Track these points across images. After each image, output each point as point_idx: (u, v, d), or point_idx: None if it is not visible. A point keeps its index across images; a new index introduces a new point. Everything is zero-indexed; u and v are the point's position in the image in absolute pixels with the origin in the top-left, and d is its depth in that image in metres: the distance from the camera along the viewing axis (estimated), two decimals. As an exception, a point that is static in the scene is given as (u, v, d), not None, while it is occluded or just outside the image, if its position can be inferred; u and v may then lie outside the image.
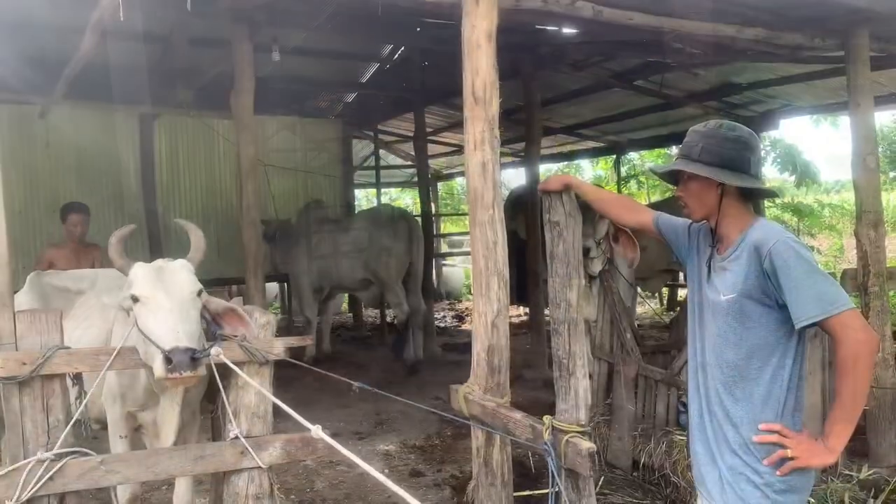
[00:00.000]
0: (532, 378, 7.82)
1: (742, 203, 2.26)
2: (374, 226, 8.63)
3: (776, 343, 2.16)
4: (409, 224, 8.80)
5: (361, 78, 10.74)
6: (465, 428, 5.51)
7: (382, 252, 8.49)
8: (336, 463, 5.38)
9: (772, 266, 2.09)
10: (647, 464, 4.71)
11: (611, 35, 5.85)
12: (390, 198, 21.44)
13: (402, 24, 6.99)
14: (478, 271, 3.28)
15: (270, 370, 3.07)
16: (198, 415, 3.51)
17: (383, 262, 8.49)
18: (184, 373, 2.56)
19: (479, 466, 3.20)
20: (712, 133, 2.25)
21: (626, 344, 5.09)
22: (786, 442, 2.12)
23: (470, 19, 3.31)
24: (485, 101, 3.27)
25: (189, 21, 7.05)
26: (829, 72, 7.20)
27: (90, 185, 9.37)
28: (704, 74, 8.47)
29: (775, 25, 4.98)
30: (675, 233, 2.50)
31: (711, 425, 2.29)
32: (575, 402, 2.73)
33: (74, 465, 2.71)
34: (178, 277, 2.84)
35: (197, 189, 10.26)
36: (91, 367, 2.81)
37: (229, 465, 2.97)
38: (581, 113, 10.97)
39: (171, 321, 2.68)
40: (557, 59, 7.81)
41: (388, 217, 8.87)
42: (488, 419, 3.05)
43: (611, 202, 2.79)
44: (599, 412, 5.18)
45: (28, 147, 8.92)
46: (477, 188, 3.26)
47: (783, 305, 2.10)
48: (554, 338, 2.82)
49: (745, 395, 2.20)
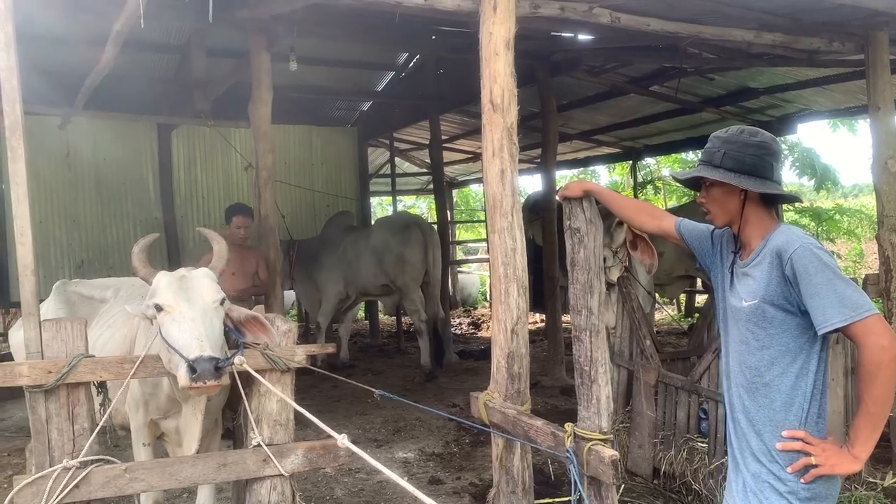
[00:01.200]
0: (549, 385, 7.80)
1: (764, 208, 2.25)
2: (391, 233, 8.68)
3: (798, 349, 2.15)
4: (422, 231, 8.83)
5: (377, 86, 10.80)
6: (483, 435, 5.52)
7: (398, 259, 8.53)
8: (356, 470, 5.38)
9: (793, 272, 2.07)
10: (667, 471, 4.68)
11: (627, 41, 5.85)
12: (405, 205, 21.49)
13: (417, 33, 7.02)
14: (497, 278, 3.29)
15: (292, 378, 3.09)
16: (220, 423, 3.53)
17: (399, 268, 8.54)
18: (208, 382, 2.58)
19: (500, 474, 3.20)
20: (734, 139, 2.23)
21: (646, 351, 5.07)
22: (810, 449, 2.10)
23: (487, 27, 3.32)
24: (503, 108, 3.27)
25: (207, 31, 7.13)
26: (847, 75, 7.15)
27: (109, 195, 9.49)
28: (720, 79, 8.44)
29: (793, 30, 4.96)
30: (699, 239, 2.49)
31: (735, 432, 2.28)
32: (597, 409, 2.73)
33: (99, 472, 2.73)
34: (201, 286, 2.85)
35: (214, 198, 10.33)
36: (115, 376, 2.84)
37: (251, 473, 2.98)
38: (597, 119, 10.96)
39: (195, 330, 2.70)
40: (573, 65, 7.81)
41: (402, 224, 8.91)
42: (509, 427, 3.05)
43: (631, 208, 2.78)
44: (619, 419, 5.15)
45: (49, 158, 9.03)
46: (495, 195, 3.26)
47: (805, 311, 2.09)
48: (575, 345, 2.82)
49: (768, 401, 2.18)
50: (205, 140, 9.95)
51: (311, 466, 3.10)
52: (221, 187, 10.33)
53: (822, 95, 8.56)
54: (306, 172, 11.04)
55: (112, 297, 3.97)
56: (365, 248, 8.73)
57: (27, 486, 2.63)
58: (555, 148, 8.50)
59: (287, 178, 10.50)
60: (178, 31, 7.77)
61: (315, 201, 10.93)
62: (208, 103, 7.70)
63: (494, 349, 3.30)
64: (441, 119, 10.52)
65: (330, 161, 11.32)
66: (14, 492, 2.61)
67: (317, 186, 11.07)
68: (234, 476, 3.03)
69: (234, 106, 7.37)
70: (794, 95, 8.69)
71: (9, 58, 2.68)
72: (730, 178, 2.19)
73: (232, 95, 7.47)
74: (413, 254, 8.55)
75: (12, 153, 2.70)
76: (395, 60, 10.14)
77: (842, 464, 2.07)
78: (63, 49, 7.32)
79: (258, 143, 5.88)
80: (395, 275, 8.58)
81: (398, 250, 8.56)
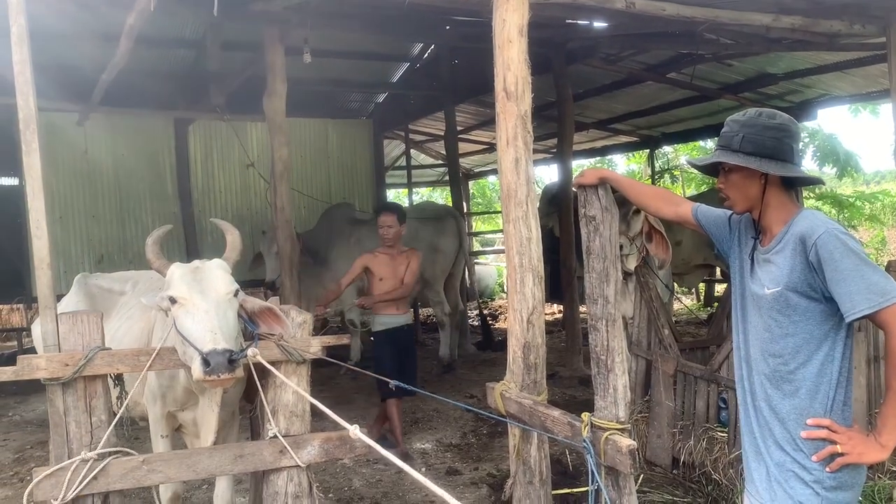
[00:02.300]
0: (567, 376, 7.77)
1: (785, 193, 2.20)
2: (423, 223, 8.48)
3: (823, 337, 2.10)
4: (457, 222, 8.74)
5: (392, 78, 10.77)
6: (500, 426, 5.51)
7: (429, 250, 8.32)
8: (374, 461, 5.39)
9: (818, 258, 2.02)
10: (687, 461, 4.64)
11: (643, 27, 5.78)
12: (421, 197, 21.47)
13: (431, 23, 6.98)
14: (512, 268, 3.26)
15: (307, 369, 3.09)
16: (237, 414, 3.55)
17: (430, 259, 8.30)
18: (222, 375, 2.57)
19: (517, 464, 3.18)
20: (752, 122, 2.18)
21: (664, 340, 5.02)
22: (835, 437, 2.06)
23: (500, 14, 3.28)
24: (517, 96, 3.24)
25: (221, 25, 7.14)
26: (868, 59, 7.03)
27: (128, 190, 9.58)
28: (738, 65, 8.33)
29: (812, 12, 4.88)
30: (716, 224, 2.44)
31: (757, 421, 2.23)
32: (614, 398, 2.69)
33: (117, 464, 2.75)
34: (215, 278, 2.85)
35: (231, 191, 10.39)
36: (132, 368, 2.84)
37: (268, 464, 2.99)
38: (613, 107, 10.87)
39: (209, 322, 2.69)
40: (588, 53, 7.75)
41: (437, 214, 8.80)
42: (525, 417, 3.02)
43: (648, 195, 2.74)
44: (638, 409, 5.12)
45: (68, 154, 9.13)
46: (510, 184, 3.23)
47: (829, 298, 2.04)
48: (591, 334, 2.79)
49: (792, 389, 2.14)
50: (221, 134, 10.00)
51: (328, 457, 3.10)
52: (238, 181, 10.38)
53: (842, 80, 8.43)
54: (322, 165, 11.06)
55: (130, 289, 3.99)
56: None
57: (46, 477, 2.65)
58: (571, 137, 8.43)
59: (303, 170, 10.52)
60: (194, 25, 7.79)
61: (331, 193, 10.94)
62: (224, 97, 7.73)
63: (510, 339, 3.28)
64: (456, 110, 10.48)
65: (345, 154, 11.33)
66: (33, 483, 2.63)
67: (332, 179, 11.07)
68: (251, 467, 3.04)
69: (249, 100, 7.38)
70: (813, 80, 8.57)
71: (22, 51, 2.69)
72: (750, 163, 2.14)
73: (247, 89, 7.49)
74: (447, 244, 8.48)
75: (26, 147, 2.70)
76: (410, 51, 10.11)
77: (868, 452, 2.04)
78: (79, 45, 7.37)
79: (273, 136, 5.89)
80: (425, 265, 8.45)
81: (432, 240, 8.43)
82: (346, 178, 11.29)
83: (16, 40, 2.67)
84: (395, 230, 5.64)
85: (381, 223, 5.70)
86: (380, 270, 5.62)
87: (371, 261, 5.66)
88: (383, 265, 5.63)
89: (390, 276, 5.60)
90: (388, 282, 5.60)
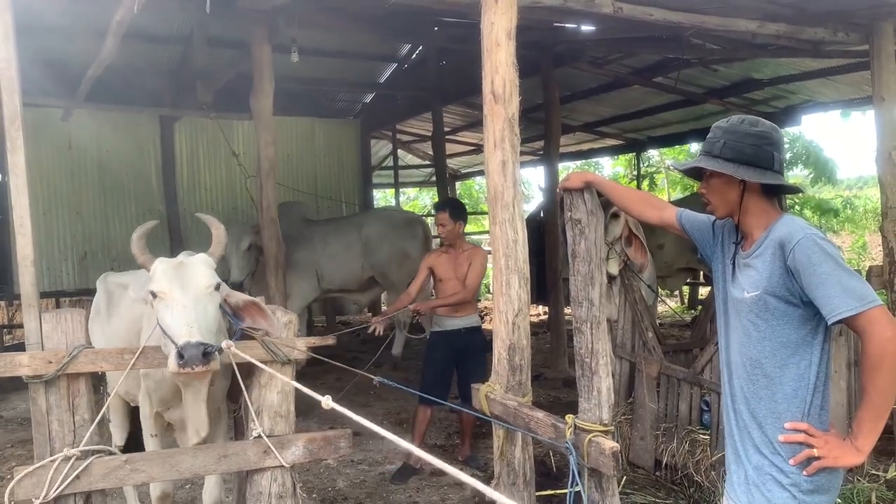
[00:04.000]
0: (552, 378, 7.80)
1: (765, 199, 2.22)
2: (391, 226, 8.55)
3: (800, 341, 2.13)
4: (424, 229, 8.85)
5: (379, 78, 10.78)
6: (485, 426, 5.51)
7: (399, 253, 8.43)
8: (357, 462, 5.39)
9: (796, 263, 2.05)
10: (669, 463, 4.68)
11: (630, 31, 5.83)
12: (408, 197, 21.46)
13: (419, 24, 6.99)
14: (498, 270, 3.27)
15: (293, 370, 3.08)
16: (224, 412, 3.53)
17: (397, 262, 8.42)
18: (196, 367, 2.58)
19: (501, 465, 3.19)
20: (734, 128, 2.21)
21: (648, 343, 5.06)
22: (813, 441, 2.09)
23: (489, 17, 3.30)
24: (504, 99, 3.25)
25: (208, 23, 7.12)
26: (852, 66, 7.11)
27: (112, 187, 9.52)
28: (724, 70, 8.40)
29: (797, 20, 4.92)
30: (700, 230, 2.47)
31: (737, 424, 2.26)
32: (598, 401, 2.71)
33: (100, 464, 2.74)
34: (196, 272, 2.85)
35: (217, 190, 10.35)
36: (115, 366, 2.84)
37: (252, 465, 2.98)
38: (600, 110, 10.92)
39: (186, 316, 2.70)
40: (576, 56, 7.78)
41: (405, 219, 8.86)
42: (510, 418, 3.04)
43: (633, 199, 2.75)
44: (621, 411, 5.15)
45: (51, 150, 9.05)
46: (497, 187, 3.24)
47: (808, 303, 2.07)
48: (576, 336, 2.81)
49: (769, 393, 2.17)
50: (207, 132, 9.95)
51: (312, 458, 3.10)
52: (224, 179, 10.34)
53: (826, 86, 8.52)
54: (308, 164, 11.03)
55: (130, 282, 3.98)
56: (355, 241, 8.43)
57: (27, 476, 2.63)
58: (558, 140, 8.47)
59: (289, 170, 10.48)
60: (181, 21, 7.75)
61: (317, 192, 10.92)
62: (210, 95, 7.69)
63: (496, 341, 3.29)
64: (444, 111, 10.50)
65: (332, 153, 11.33)
66: (14, 482, 2.61)
67: (319, 178, 11.05)
68: (235, 467, 3.03)
69: (236, 98, 7.36)
70: (798, 86, 8.65)
71: (7, 48, 2.67)
72: (728, 169, 2.17)
73: (234, 87, 7.46)
74: (415, 249, 8.52)
75: (11, 144, 2.69)
76: (398, 52, 10.12)
77: (845, 456, 2.06)
78: (65, 40, 7.32)
79: (260, 135, 5.88)
80: (391, 269, 8.47)
81: (401, 244, 8.48)
82: (332, 178, 11.27)
83: (1, 37, 2.66)
84: (450, 228, 5.19)
85: (436, 221, 5.38)
86: (440, 271, 5.26)
87: (434, 261, 5.30)
88: (444, 265, 5.25)
89: (451, 277, 5.23)
90: (448, 283, 5.23)
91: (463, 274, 5.18)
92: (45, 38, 7.07)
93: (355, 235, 8.49)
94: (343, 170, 11.44)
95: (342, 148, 11.42)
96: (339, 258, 8.45)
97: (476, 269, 5.17)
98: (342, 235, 8.50)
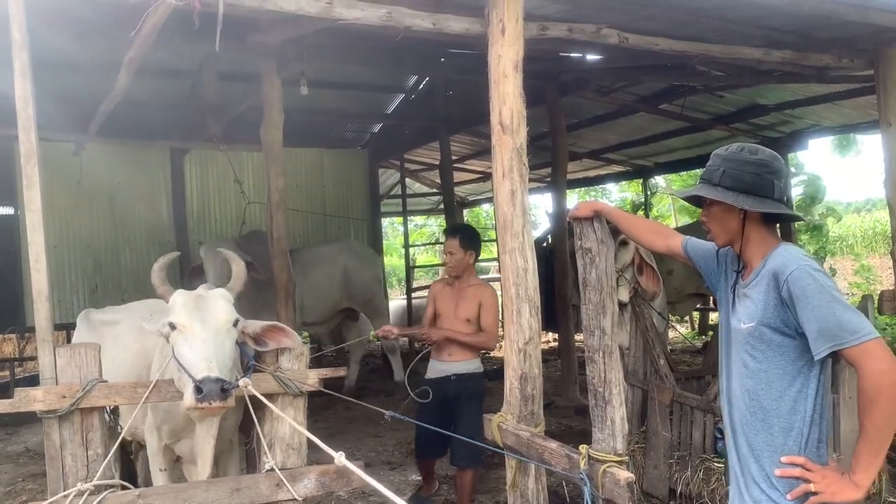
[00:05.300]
0: (563, 406, 7.74)
1: (765, 228, 2.21)
2: (363, 257, 8.91)
3: (796, 373, 2.10)
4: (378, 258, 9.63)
5: (387, 109, 10.88)
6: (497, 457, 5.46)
7: (374, 279, 8.88)
8: (369, 493, 5.35)
9: (790, 294, 2.03)
10: (684, 492, 4.62)
11: (635, 60, 5.87)
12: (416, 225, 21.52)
13: (426, 56, 7.07)
14: (508, 298, 3.28)
15: (304, 401, 3.08)
16: (236, 444, 3.53)
17: (376, 287, 8.89)
18: (213, 402, 2.59)
19: (515, 497, 3.17)
20: (733, 157, 2.21)
21: (660, 370, 5.03)
22: (809, 476, 2.06)
23: (496, 50, 3.35)
24: (512, 129, 3.29)
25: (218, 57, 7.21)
26: (857, 91, 7.14)
27: (123, 219, 9.57)
28: (730, 96, 8.44)
29: (802, 46, 4.96)
30: (705, 258, 2.46)
31: (738, 456, 2.23)
32: (612, 431, 2.70)
33: (113, 498, 2.73)
34: (216, 307, 2.87)
35: (227, 221, 10.39)
36: (129, 400, 2.85)
37: (265, 498, 2.97)
38: (606, 137, 10.97)
39: (205, 351, 2.71)
40: (582, 84, 7.85)
41: (370, 250, 9.53)
42: (523, 449, 3.02)
43: (641, 228, 2.77)
44: (634, 440, 5.10)
45: (62, 184, 9.11)
46: (506, 216, 3.27)
47: (802, 334, 2.04)
48: (588, 366, 2.80)
49: (766, 426, 2.14)
50: (217, 164, 10.03)
51: (325, 490, 3.08)
52: (234, 211, 10.38)
53: (832, 111, 8.53)
54: (317, 194, 11.10)
55: (124, 318, 4.00)
56: (334, 271, 8.44)
57: (41, 511, 2.63)
58: (565, 167, 8.51)
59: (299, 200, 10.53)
60: (191, 56, 7.86)
61: (326, 222, 10.99)
62: (221, 127, 7.77)
63: (507, 370, 3.29)
64: (451, 140, 10.57)
65: (341, 183, 11.38)
66: (28, 518, 2.61)
67: (328, 208, 11.12)
68: (248, 501, 3.02)
69: (246, 130, 7.42)
70: (804, 111, 8.67)
71: (24, 87, 2.72)
72: (727, 197, 2.17)
73: (244, 119, 7.53)
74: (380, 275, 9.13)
75: (27, 181, 2.73)
76: (405, 83, 10.22)
77: (843, 491, 2.01)
78: (77, 76, 7.43)
79: (270, 166, 5.92)
80: (371, 294, 8.78)
81: (374, 271, 8.94)
82: (341, 208, 11.32)
83: (19, 76, 2.71)
84: (459, 258, 4.55)
85: (445, 248, 4.72)
86: (440, 305, 4.67)
87: (438, 292, 4.74)
88: (445, 299, 4.65)
89: (450, 314, 4.60)
90: (445, 321, 4.62)
91: (466, 313, 4.56)
92: (58, 74, 7.17)
93: (331, 266, 8.49)
94: (352, 199, 11.50)
95: (351, 178, 11.48)
96: (320, 290, 8.37)
97: (489, 310, 4.56)
98: (318, 267, 8.43)
